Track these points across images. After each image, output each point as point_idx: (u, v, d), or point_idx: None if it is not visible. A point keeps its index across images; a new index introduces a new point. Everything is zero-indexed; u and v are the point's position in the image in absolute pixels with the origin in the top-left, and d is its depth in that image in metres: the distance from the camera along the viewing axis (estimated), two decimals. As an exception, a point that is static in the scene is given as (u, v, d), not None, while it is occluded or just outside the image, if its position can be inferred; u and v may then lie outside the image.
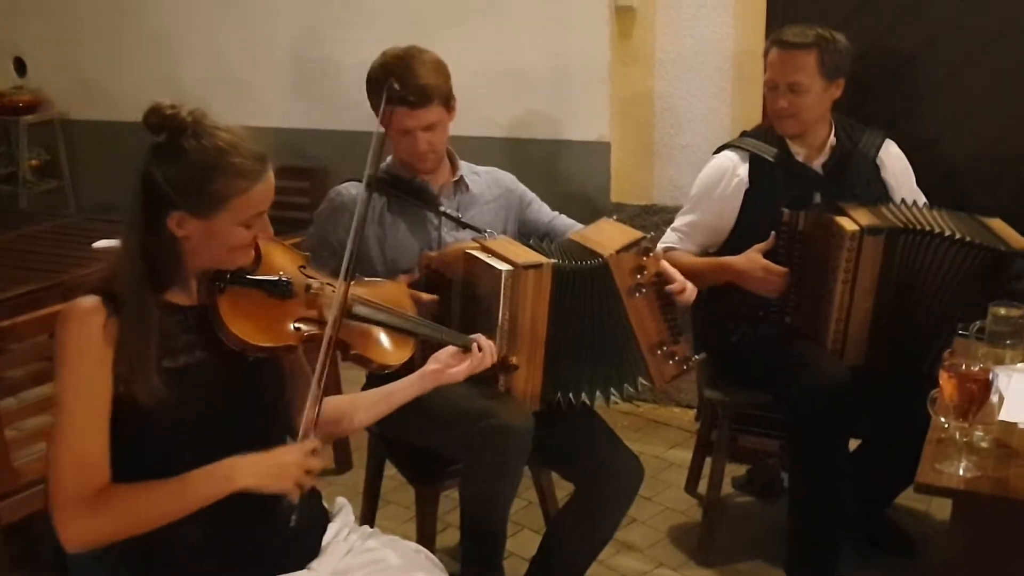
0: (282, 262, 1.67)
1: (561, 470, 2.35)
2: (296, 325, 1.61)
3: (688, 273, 2.43)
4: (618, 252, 2.15)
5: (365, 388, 2.26)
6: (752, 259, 2.46)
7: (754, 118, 3.27)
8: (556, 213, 2.52)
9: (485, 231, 2.34)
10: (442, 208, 2.37)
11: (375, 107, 2.24)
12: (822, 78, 2.50)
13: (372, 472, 2.61)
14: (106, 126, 4.60)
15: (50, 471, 1.49)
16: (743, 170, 2.59)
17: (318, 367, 1.57)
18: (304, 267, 1.70)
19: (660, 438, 3.50)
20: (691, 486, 3.11)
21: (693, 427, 3.41)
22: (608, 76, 3.56)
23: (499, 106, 3.72)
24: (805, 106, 2.51)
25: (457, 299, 2.17)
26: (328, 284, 1.68)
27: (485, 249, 2.15)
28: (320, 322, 1.63)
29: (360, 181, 2.30)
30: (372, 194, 1.61)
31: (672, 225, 2.71)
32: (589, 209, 3.54)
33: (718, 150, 2.69)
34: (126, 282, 1.51)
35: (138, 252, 1.52)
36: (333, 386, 3.33)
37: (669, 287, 2.21)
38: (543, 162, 3.67)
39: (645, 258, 2.17)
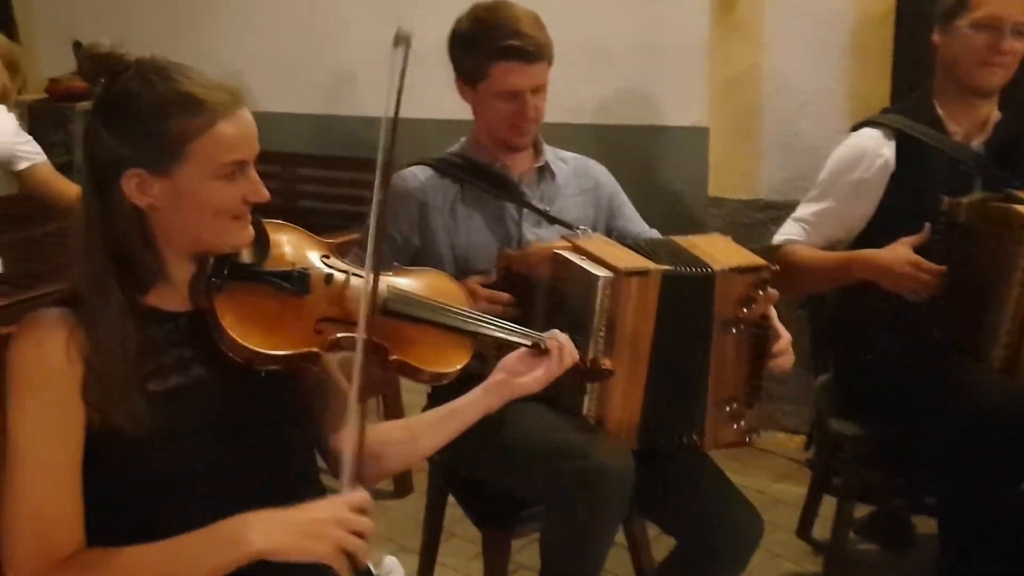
0: (298, 250, 1.37)
1: (660, 521, 1.97)
2: (318, 327, 1.31)
3: (817, 269, 2.16)
4: (731, 270, 1.79)
5: (427, 408, 1.93)
6: (899, 253, 2.08)
7: (880, 99, 2.92)
8: (647, 227, 2.19)
9: (577, 228, 2.01)
10: (526, 199, 2.06)
11: (467, 68, 1.99)
12: None
13: (433, 504, 2.28)
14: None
15: (2, 535, 1.17)
16: (888, 150, 2.21)
17: (355, 381, 1.22)
18: (328, 257, 1.40)
19: (763, 469, 3.12)
20: (804, 529, 2.72)
21: (802, 456, 3.08)
22: (707, 53, 3.22)
23: (581, 89, 3.41)
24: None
25: (541, 308, 1.84)
26: (355, 274, 1.37)
27: (577, 249, 1.82)
28: (348, 322, 1.32)
29: (427, 164, 2.05)
30: (388, 186, 1.32)
31: (794, 215, 2.34)
32: (683, 204, 3.33)
33: (856, 127, 2.32)
34: (87, 281, 1.20)
35: (97, 238, 1.21)
36: (395, 411, 3.01)
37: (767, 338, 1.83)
38: (631, 151, 3.34)
39: (760, 292, 1.80)
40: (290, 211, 3.95)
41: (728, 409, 1.84)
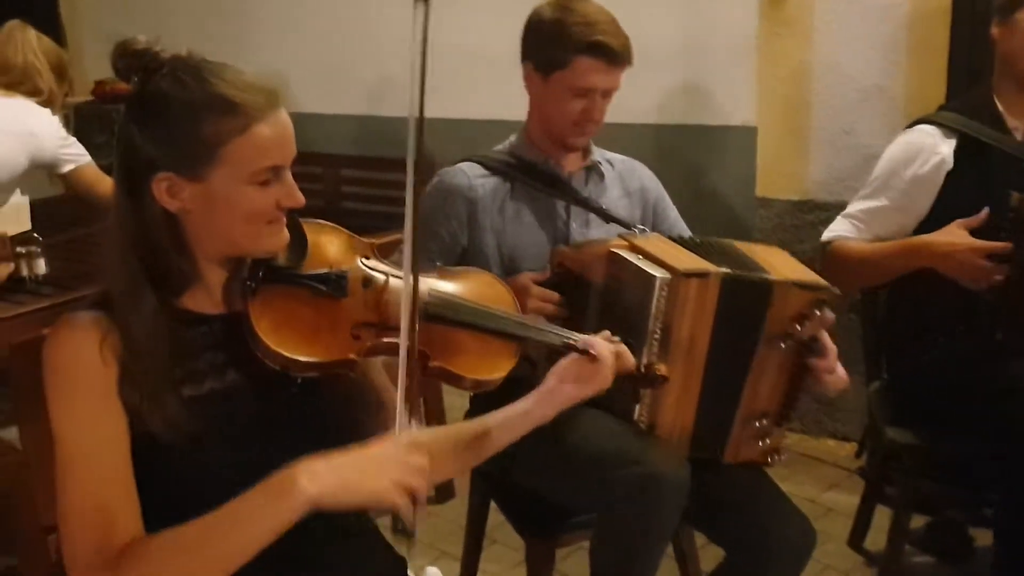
0: (337, 251, 1.32)
1: (709, 530, 1.90)
2: (355, 332, 1.26)
3: (868, 261, 2.10)
4: (792, 283, 1.72)
5: (469, 415, 1.88)
6: (956, 235, 2.01)
7: (935, 96, 2.82)
8: (689, 234, 2.14)
9: (635, 226, 1.96)
10: (583, 196, 2.01)
11: (545, 55, 1.93)
12: None
13: (475, 511, 2.23)
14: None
15: (60, 537, 1.15)
16: (946, 148, 2.13)
17: (401, 369, 1.17)
18: (368, 257, 1.35)
19: (813, 477, 3.03)
20: (856, 539, 2.63)
21: (853, 464, 2.98)
22: (755, 49, 3.12)
23: (626, 88, 3.24)
24: None
25: (595, 309, 1.78)
26: (395, 276, 1.32)
27: (634, 248, 1.75)
28: (386, 327, 1.27)
29: (476, 162, 2.01)
30: (419, 185, 1.25)
31: (845, 212, 2.27)
32: (731, 205, 3.24)
33: (911, 125, 2.23)
34: (119, 282, 1.17)
35: (128, 239, 1.18)
36: (436, 414, 2.97)
37: (817, 361, 1.75)
38: (677, 152, 3.26)
39: (817, 312, 1.72)
40: (333, 212, 3.91)
41: (757, 425, 1.77)
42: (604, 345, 1.39)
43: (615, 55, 1.88)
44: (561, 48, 1.89)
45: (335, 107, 4.06)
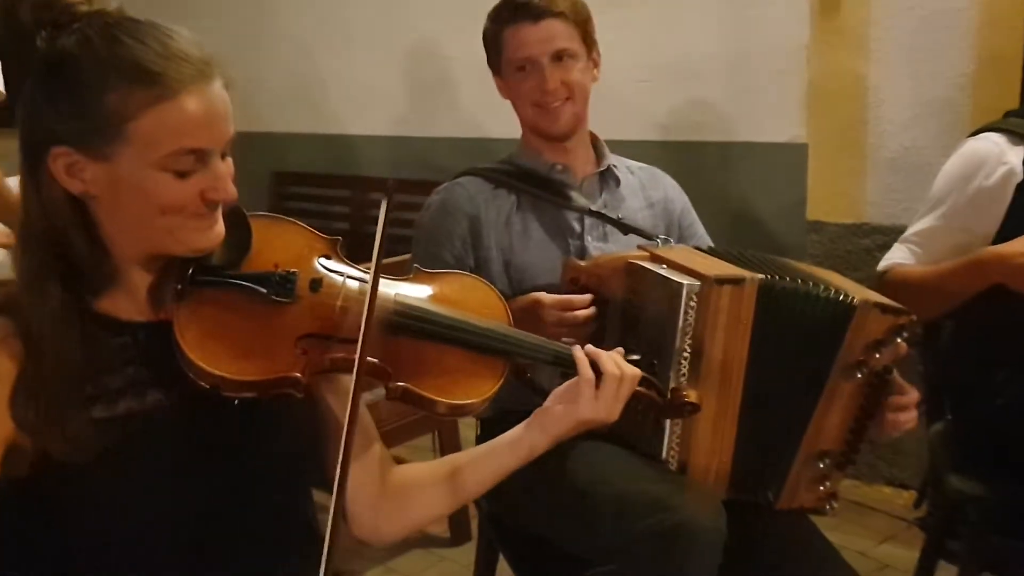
0: (289, 250, 1.14)
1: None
2: (301, 345, 1.07)
3: (930, 284, 1.88)
4: (875, 305, 1.54)
5: (480, 441, 1.74)
6: None
7: (1007, 109, 2.56)
8: None
9: (657, 237, 1.81)
10: (594, 208, 1.86)
11: (491, 53, 1.89)
12: None
13: (482, 557, 2.06)
14: (241, 137, 4.40)
15: None
16: (1014, 157, 1.89)
17: (346, 432, 0.98)
18: (328, 257, 1.16)
19: (866, 528, 2.82)
20: (915, 599, 2.36)
21: (911, 514, 2.77)
22: (805, 61, 2.97)
23: (663, 103, 3.23)
24: None
25: (614, 328, 1.62)
26: (353, 277, 1.15)
27: (656, 259, 1.59)
28: (338, 339, 1.08)
29: (478, 175, 1.87)
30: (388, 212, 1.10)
31: (903, 236, 2.05)
32: (778, 230, 3.10)
33: (975, 133, 2.01)
34: (24, 276, 1.02)
35: (34, 226, 1.02)
36: (451, 449, 2.80)
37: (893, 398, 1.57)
38: (718, 171, 3.13)
39: (898, 339, 1.55)
40: (359, 235, 3.83)
41: (820, 466, 1.57)
42: (608, 357, 1.21)
43: (531, 8, 1.78)
44: (495, 36, 1.85)
45: (366, 128, 4.01)
